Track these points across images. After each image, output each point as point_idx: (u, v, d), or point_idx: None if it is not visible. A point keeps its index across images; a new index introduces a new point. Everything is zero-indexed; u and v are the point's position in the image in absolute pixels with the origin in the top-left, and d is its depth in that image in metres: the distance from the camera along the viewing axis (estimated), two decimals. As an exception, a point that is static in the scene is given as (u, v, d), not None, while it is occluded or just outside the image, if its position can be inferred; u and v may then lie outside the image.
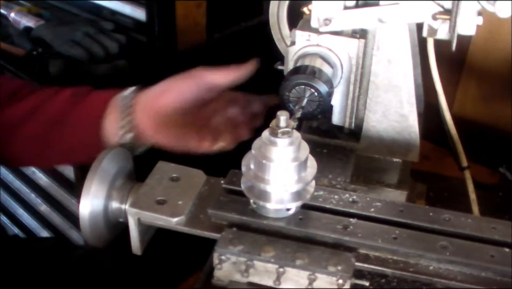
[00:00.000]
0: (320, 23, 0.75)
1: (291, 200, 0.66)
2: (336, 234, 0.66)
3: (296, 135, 0.63)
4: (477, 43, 1.26)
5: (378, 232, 0.66)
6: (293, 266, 0.63)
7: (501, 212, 0.86)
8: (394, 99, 0.79)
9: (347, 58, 0.78)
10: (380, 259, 0.66)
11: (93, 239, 0.74)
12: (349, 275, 0.62)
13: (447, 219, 0.68)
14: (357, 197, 0.71)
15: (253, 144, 0.65)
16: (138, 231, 0.72)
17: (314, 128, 0.87)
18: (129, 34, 1.37)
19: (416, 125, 0.80)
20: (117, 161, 0.76)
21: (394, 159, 0.82)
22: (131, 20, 1.39)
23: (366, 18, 0.74)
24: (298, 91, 0.73)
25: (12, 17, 1.48)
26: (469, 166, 0.87)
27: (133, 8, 1.37)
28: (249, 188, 0.66)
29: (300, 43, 0.77)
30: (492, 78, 1.28)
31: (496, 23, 0.79)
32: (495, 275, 0.64)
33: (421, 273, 0.65)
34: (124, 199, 0.74)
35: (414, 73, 0.78)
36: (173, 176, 0.75)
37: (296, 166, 0.63)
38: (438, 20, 0.73)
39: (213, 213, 0.69)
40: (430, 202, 0.93)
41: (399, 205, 0.71)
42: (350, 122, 0.83)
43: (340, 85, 0.80)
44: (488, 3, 0.69)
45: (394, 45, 0.76)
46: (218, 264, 0.65)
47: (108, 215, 0.74)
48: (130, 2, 1.37)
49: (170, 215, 0.70)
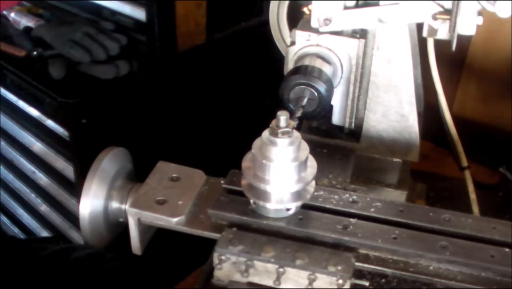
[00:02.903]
0: (320, 23, 0.75)
1: (291, 200, 0.66)
2: (336, 234, 0.66)
3: (296, 135, 0.63)
4: (477, 43, 1.26)
5: (378, 232, 0.66)
6: (293, 266, 0.63)
7: (501, 212, 0.86)
8: (394, 99, 0.79)
9: (347, 58, 0.78)
10: (379, 259, 0.66)
11: (93, 239, 0.74)
12: (349, 275, 0.62)
13: (447, 219, 0.68)
14: (357, 197, 0.71)
15: (253, 144, 0.65)
16: (138, 231, 0.72)
17: (314, 128, 0.87)
18: (129, 34, 1.37)
19: (416, 125, 0.80)
20: (117, 161, 0.76)
21: (394, 159, 0.82)
22: (131, 20, 1.39)
23: (366, 18, 0.74)
24: (298, 91, 0.73)
25: (11, 17, 1.47)
26: (469, 166, 0.87)
27: (133, 8, 1.37)
28: (249, 188, 0.66)
29: (300, 43, 0.77)
30: (492, 78, 1.28)
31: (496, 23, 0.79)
32: (495, 275, 0.64)
33: (421, 273, 0.65)
34: (124, 199, 0.74)
35: (414, 73, 0.78)
36: (173, 176, 0.75)
37: (296, 166, 0.63)
38: (438, 20, 0.73)
39: (213, 213, 0.69)
40: (430, 202, 0.93)
41: (399, 205, 0.71)
42: (350, 122, 0.83)
43: (340, 85, 0.80)
44: (488, 3, 0.69)
45: (394, 45, 0.76)
46: (218, 264, 0.65)
47: (108, 215, 0.74)
48: (130, 2, 1.37)
49: (170, 215, 0.70)
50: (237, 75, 1.47)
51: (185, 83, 1.39)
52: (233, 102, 1.48)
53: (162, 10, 1.32)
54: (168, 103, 1.37)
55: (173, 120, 1.38)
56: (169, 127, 1.37)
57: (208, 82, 1.41)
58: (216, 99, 1.45)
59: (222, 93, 1.46)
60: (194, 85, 1.40)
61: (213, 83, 1.43)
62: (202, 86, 1.41)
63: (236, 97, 1.49)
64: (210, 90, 1.43)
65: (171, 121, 1.38)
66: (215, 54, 1.43)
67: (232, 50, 1.46)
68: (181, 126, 1.40)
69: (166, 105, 1.37)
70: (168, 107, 1.37)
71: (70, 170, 1.35)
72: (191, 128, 1.41)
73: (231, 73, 1.46)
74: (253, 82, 1.47)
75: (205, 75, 1.40)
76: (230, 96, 1.48)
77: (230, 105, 1.49)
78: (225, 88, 1.46)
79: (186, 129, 1.40)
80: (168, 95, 1.37)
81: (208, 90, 1.43)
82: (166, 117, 1.37)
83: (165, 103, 1.36)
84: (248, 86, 1.49)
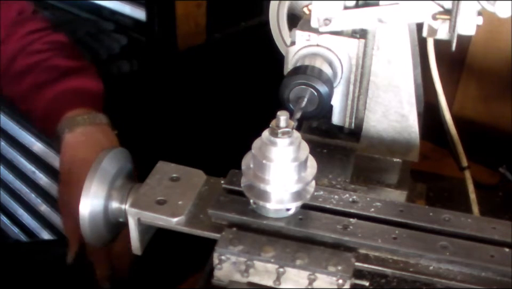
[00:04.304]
0: (320, 23, 0.75)
1: (291, 200, 0.66)
2: (336, 234, 0.66)
3: (296, 135, 0.63)
4: (477, 43, 1.26)
5: (378, 232, 0.66)
6: (293, 266, 0.63)
7: (501, 212, 0.86)
8: (394, 99, 0.79)
9: (347, 58, 0.78)
10: (379, 259, 0.66)
11: (93, 239, 0.74)
12: (349, 275, 0.62)
13: (447, 219, 0.68)
14: (357, 197, 0.71)
15: (253, 144, 0.65)
16: (138, 231, 0.72)
17: (314, 128, 0.87)
18: (129, 34, 1.37)
19: (416, 125, 0.80)
20: (117, 161, 0.76)
21: (394, 159, 0.82)
22: (131, 20, 1.39)
23: (366, 18, 0.74)
24: (298, 91, 0.73)
25: (12, 17, 1.47)
26: (469, 166, 0.87)
27: (133, 8, 1.37)
28: (249, 188, 0.66)
29: (300, 43, 0.77)
30: (492, 78, 1.28)
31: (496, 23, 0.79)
32: (495, 275, 0.64)
33: (421, 273, 0.65)
34: (124, 199, 0.74)
35: (414, 73, 0.78)
36: (173, 176, 0.75)
37: (296, 166, 0.63)
38: (438, 20, 0.73)
39: (213, 213, 0.69)
40: (430, 202, 0.93)
41: (399, 205, 0.71)
42: (350, 122, 0.83)
43: (340, 85, 0.80)
44: (488, 3, 0.69)
45: (394, 45, 0.76)
46: (218, 264, 0.65)
47: (108, 215, 0.74)
48: (130, 2, 1.37)
49: (170, 215, 0.70)
50: (237, 75, 1.47)
51: (185, 83, 1.39)
52: (233, 102, 1.49)
53: (162, 10, 1.32)
54: (168, 103, 1.37)
55: (173, 120, 1.38)
56: (169, 127, 1.37)
57: (208, 82, 1.41)
58: (216, 100, 1.45)
59: (222, 93, 1.46)
60: (194, 85, 1.40)
61: (213, 84, 1.43)
62: (202, 86, 1.41)
63: (236, 97, 1.49)
64: (210, 91, 1.43)
65: (171, 121, 1.38)
66: (215, 54, 1.43)
67: (232, 50, 1.46)
68: (181, 126, 1.40)
69: (166, 106, 1.37)
70: (168, 108, 1.37)
71: (70, 170, 1.34)
72: (191, 128, 1.41)
73: (231, 73, 1.46)
74: (253, 82, 1.47)
75: (205, 75, 1.40)
76: (230, 96, 1.48)
77: (230, 105, 1.49)
78: (225, 88, 1.46)
79: (186, 129, 1.40)
80: (168, 95, 1.37)
81: (208, 91, 1.43)
82: (166, 117, 1.37)
83: (165, 103, 1.37)
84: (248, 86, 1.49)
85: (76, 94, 1.03)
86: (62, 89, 1.03)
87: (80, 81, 1.05)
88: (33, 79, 1.05)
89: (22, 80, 1.06)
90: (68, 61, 1.09)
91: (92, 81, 1.07)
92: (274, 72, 0.84)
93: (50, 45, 1.11)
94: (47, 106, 1.02)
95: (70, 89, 1.03)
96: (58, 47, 1.11)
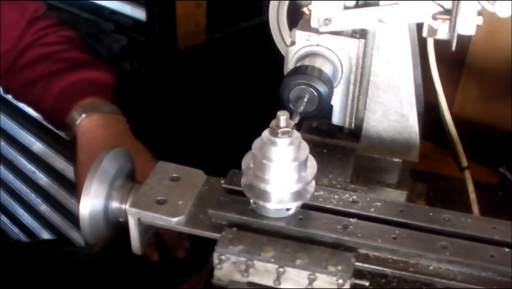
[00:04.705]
0: (320, 23, 0.75)
1: (291, 200, 0.66)
2: (336, 234, 0.66)
3: (296, 135, 0.63)
4: (477, 43, 1.26)
5: (378, 232, 0.66)
6: (293, 266, 0.63)
7: (501, 212, 0.86)
8: (394, 99, 0.79)
9: (347, 58, 0.78)
10: (379, 259, 0.66)
11: (93, 239, 0.74)
12: (349, 275, 0.62)
13: (447, 219, 0.68)
14: (357, 197, 0.71)
15: (253, 144, 0.65)
16: (138, 231, 0.72)
17: (314, 128, 0.87)
18: (130, 34, 1.37)
19: (416, 125, 0.80)
20: (117, 161, 0.75)
21: (394, 159, 0.82)
22: (131, 20, 1.39)
23: (366, 18, 0.74)
24: (298, 91, 0.73)
25: (12, 17, 1.47)
26: (469, 166, 0.87)
27: (133, 8, 1.37)
28: (249, 188, 0.66)
29: (300, 43, 0.77)
30: (491, 78, 1.28)
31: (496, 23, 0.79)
32: (495, 275, 0.64)
33: (421, 273, 0.65)
34: (124, 199, 0.74)
35: (414, 73, 0.78)
36: (173, 176, 0.75)
37: (296, 166, 0.63)
38: (438, 20, 0.73)
39: (213, 213, 0.69)
40: (430, 202, 0.93)
41: (399, 204, 0.71)
42: (350, 122, 0.83)
43: (340, 85, 0.80)
44: (488, 3, 0.69)
45: (394, 45, 0.76)
46: (218, 264, 0.65)
47: (108, 215, 0.74)
48: (130, 2, 1.37)
49: (170, 215, 0.70)
50: (237, 75, 1.47)
51: (185, 83, 1.39)
52: (233, 102, 1.49)
53: (162, 10, 1.32)
54: (168, 103, 1.37)
55: (173, 120, 1.38)
56: (169, 127, 1.37)
57: (208, 82, 1.41)
58: (216, 100, 1.45)
59: (222, 93, 1.46)
60: (194, 85, 1.40)
61: (213, 84, 1.43)
62: (202, 86, 1.41)
63: (236, 97, 1.49)
64: (210, 91, 1.43)
65: (171, 121, 1.38)
66: (215, 54, 1.43)
67: (232, 50, 1.46)
68: (181, 126, 1.40)
69: (166, 105, 1.37)
70: (168, 108, 1.37)
71: (70, 170, 1.35)
72: (191, 128, 1.41)
73: (231, 73, 1.46)
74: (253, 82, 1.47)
75: (205, 75, 1.40)
76: (230, 96, 1.48)
77: (230, 105, 1.49)
78: (225, 88, 1.46)
79: (187, 129, 1.40)
80: (168, 95, 1.37)
81: (208, 91, 1.43)
82: (166, 117, 1.37)
83: (164, 103, 1.37)
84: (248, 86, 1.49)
85: (89, 84, 1.05)
86: (76, 79, 1.05)
87: (94, 73, 1.07)
88: (47, 67, 1.07)
89: (35, 68, 1.08)
90: (82, 54, 1.11)
91: (105, 74, 1.09)
92: (274, 72, 0.84)
93: (65, 38, 1.14)
94: (59, 94, 1.04)
95: (84, 79, 1.05)
96: (72, 41, 1.14)
